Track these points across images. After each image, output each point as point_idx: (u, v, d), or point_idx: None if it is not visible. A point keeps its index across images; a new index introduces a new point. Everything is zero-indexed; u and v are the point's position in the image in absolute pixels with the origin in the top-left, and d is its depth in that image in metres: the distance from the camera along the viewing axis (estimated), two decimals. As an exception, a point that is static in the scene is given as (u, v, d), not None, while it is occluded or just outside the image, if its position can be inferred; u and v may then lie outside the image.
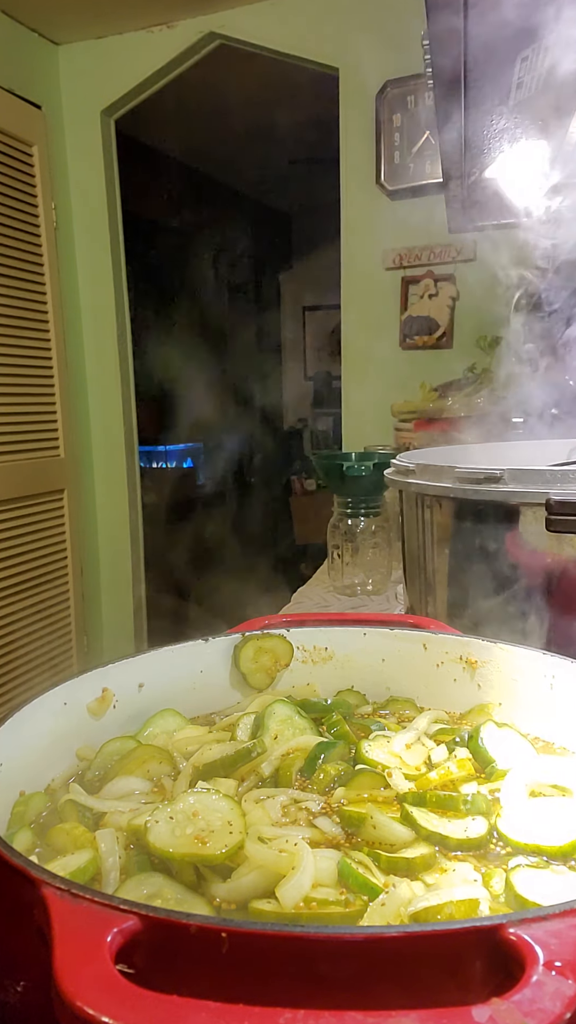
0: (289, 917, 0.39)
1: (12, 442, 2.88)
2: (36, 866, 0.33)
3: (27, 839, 0.48)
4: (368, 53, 2.67)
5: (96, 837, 0.46)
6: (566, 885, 0.42)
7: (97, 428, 3.45)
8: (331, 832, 0.48)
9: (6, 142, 2.80)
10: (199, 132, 4.13)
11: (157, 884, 0.42)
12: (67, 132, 3.22)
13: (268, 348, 6.28)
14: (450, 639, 0.68)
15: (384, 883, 0.42)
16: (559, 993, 0.26)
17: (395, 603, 1.43)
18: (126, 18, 2.95)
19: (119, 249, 3.36)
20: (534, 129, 0.92)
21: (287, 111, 3.66)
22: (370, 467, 1.39)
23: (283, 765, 0.56)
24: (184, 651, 0.68)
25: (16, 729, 0.52)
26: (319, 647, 0.72)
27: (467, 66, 0.74)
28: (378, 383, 2.85)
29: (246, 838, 0.44)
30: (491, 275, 1.23)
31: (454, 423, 1.83)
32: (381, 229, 2.78)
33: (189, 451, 5.43)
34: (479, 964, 0.29)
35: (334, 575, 1.53)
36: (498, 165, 1.06)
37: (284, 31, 2.80)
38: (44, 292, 3.04)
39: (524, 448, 1.16)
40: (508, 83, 0.79)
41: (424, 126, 2.64)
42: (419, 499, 0.91)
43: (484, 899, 0.41)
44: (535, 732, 0.61)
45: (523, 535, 0.77)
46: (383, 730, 0.61)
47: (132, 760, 0.57)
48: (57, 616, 3.15)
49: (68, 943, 0.29)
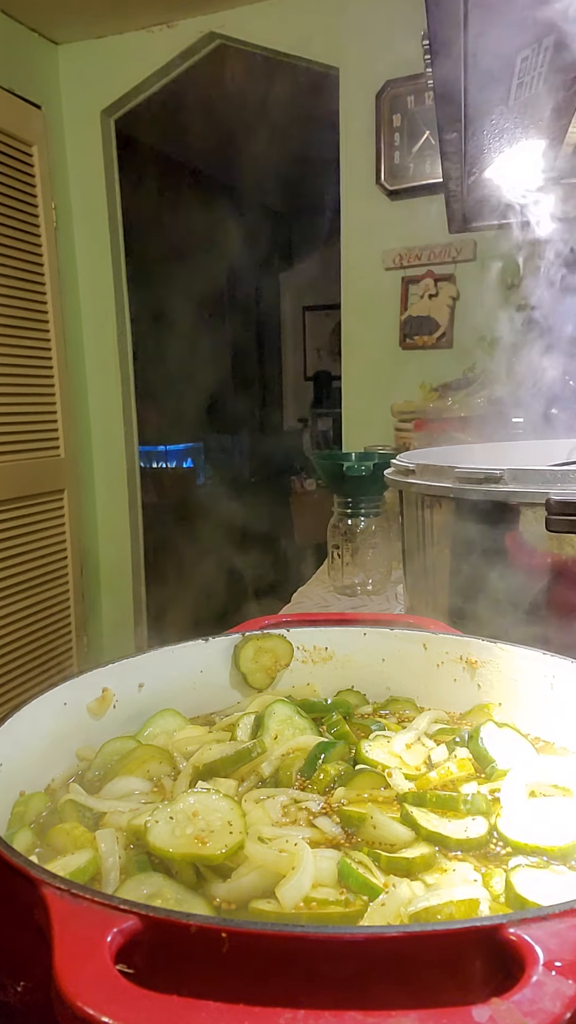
0: (289, 917, 0.39)
1: (12, 442, 2.88)
2: (36, 866, 0.33)
3: (27, 839, 0.48)
4: (368, 53, 2.67)
5: (96, 837, 0.46)
6: (566, 885, 0.42)
7: (97, 428, 3.45)
8: (331, 832, 0.48)
9: (6, 142, 2.80)
10: (199, 132, 4.13)
11: (157, 884, 0.42)
12: (67, 132, 3.22)
13: (268, 348, 6.28)
14: (450, 639, 0.68)
15: (384, 883, 0.42)
16: (559, 993, 0.26)
17: (395, 603, 1.43)
18: (126, 18, 2.95)
19: (119, 249, 3.36)
20: (534, 129, 0.92)
21: (287, 111, 3.66)
22: (370, 467, 1.39)
23: (283, 765, 0.56)
24: (184, 651, 0.68)
25: (16, 729, 0.52)
26: (319, 647, 0.72)
27: (467, 66, 0.74)
28: (378, 383, 2.85)
29: (246, 838, 0.44)
30: (491, 275, 1.23)
31: (454, 423, 1.84)
32: (381, 229, 2.79)
33: (189, 451, 5.43)
34: (479, 964, 0.29)
35: (334, 575, 1.53)
36: (498, 165, 1.06)
37: (284, 31, 2.80)
38: (44, 292, 3.04)
39: (524, 448, 1.16)
40: (508, 83, 0.79)
41: (424, 126, 2.64)
42: (419, 499, 0.91)
43: (484, 899, 0.41)
44: (535, 732, 0.61)
45: (523, 535, 0.77)
46: (383, 730, 0.61)
47: (132, 760, 0.57)
48: (57, 616, 3.15)
49: (68, 943, 0.29)
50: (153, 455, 5.22)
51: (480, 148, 0.98)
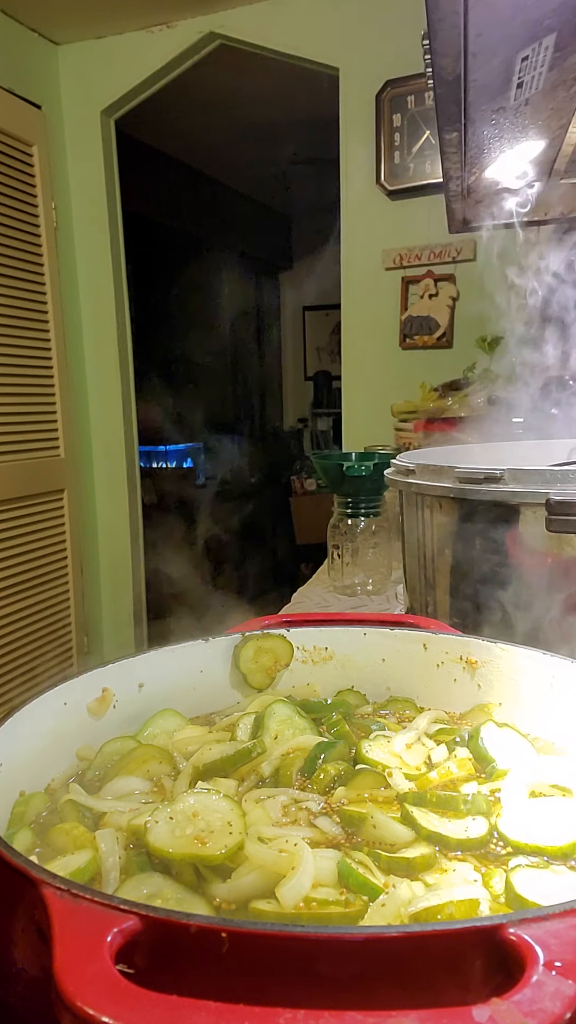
0: (289, 917, 0.39)
1: (12, 442, 2.88)
2: (36, 866, 0.33)
3: (27, 839, 0.48)
4: (368, 53, 2.67)
5: (96, 837, 0.46)
6: (566, 885, 0.42)
7: (97, 428, 3.45)
8: (331, 832, 0.48)
9: (6, 142, 2.80)
10: (199, 132, 4.13)
11: (157, 884, 0.42)
12: (67, 132, 3.22)
13: (268, 348, 6.28)
14: (450, 639, 0.68)
15: (384, 883, 0.42)
16: (559, 993, 0.26)
17: (395, 603, 1.43)
18: (126, 18, 2.95)
19: (119, 249, 3.36)
20: (534, 129, 0.92)
21: (287, 111, 3.66)
22: (370, 467, 1.38)
23: (283, 765, 0.56)
24: (184, 651, 0.68)
25: (16, 729, 0.52)
26: (319, 647, 0.72)
27: (467, 66, 0.74)
28: (378, 383, 2.85)
29: (246, 838, 0.44)
30: (491, 275, 1.23)
31: (454, 423, 1.83)
32: (381, 229, 2.79)
33: (189, 451, 5.43)
34: (479, 964, 0.29)
35: (334, 575, 1.53)
36: (498, 165, 1.06)
37: (284, 31, 2.80)
38: (44, 292, 3.04)
39: (524, 448, 1.16)
40: (508, 83, 0.79)
41: (424, 126, 2.64)
42: (419, 499, 0.91)
43: (484, 899, 0.40)
44: (535, 732, 0.61)
45: (523, 535, 0.77)
46: (383, 730, 0.61)
47: (132, 760, 0.57)
48: (57, 616, 3.15)
49: (68, 943, 0.29)
50: (153, 455, 5.22)
51: (480, 148, 0.98)
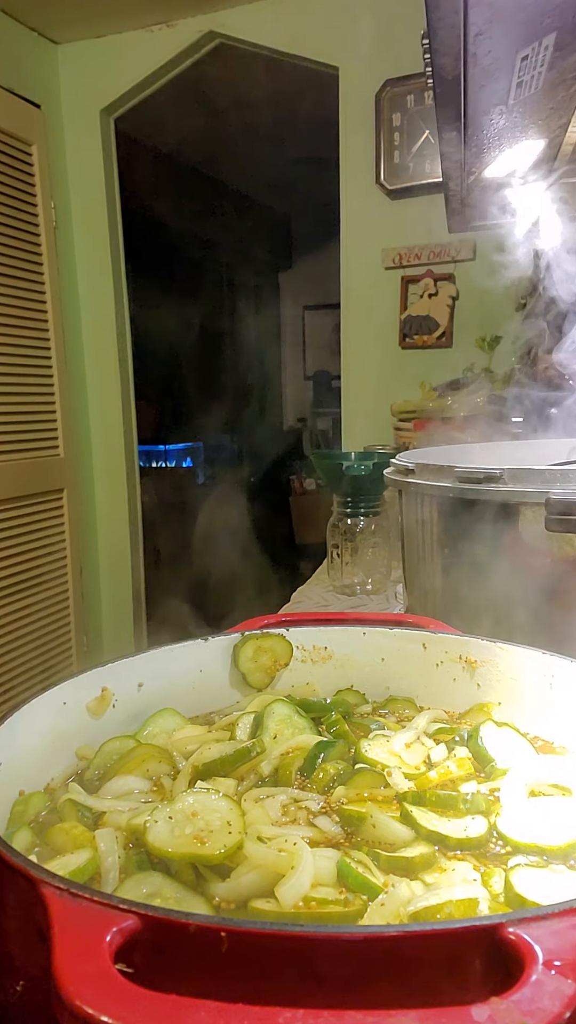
0: (288, 916, 0.39)
1: (12, 442, 2.88)
2: (36, 865, 0.33)
3: (26, 838, 0.48)
4: (368, 53, 2.67)
5: (95, 836, 0.46)
6: (566, 885, 0.42)
7: (97, 428, 3.45)
8: (331, 831, 0.48)
9: (6, 141, 2.79)
10: (199, 132, 4.13)
11: (156, 883, 0.42)
12: (66, 131, 3.22)
13: (268, 347, 6.28)
14: (450, 638, 0.68)
15: (384, 882, 0.42)
16: (558, 992, 0.26)
17: (395, 603, 1.43)
18: (126, 17, 2.95)
19: (119, 249, 3.35)
20: (534, 129, 0.92)
21: (287, 111, 3.65)
22: (370, 467, 1.38)
23: (282, 764, 0.56)
24: (184, 650, 0.68)
25: (16, 729, 0.52)
26: (319, 646, 0.72)
27: (467, 66, 0.74)
28: (378, 383, 2.85)
29: (245, 838, 0.44)
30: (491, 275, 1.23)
31: (454, 423, 1.83)
32: (381, 229, 2.79)
33: (189, 451, 5.43)
34: (478, 963, 0.29)
35: (334, 575, 1.53)
36: (498, 165, 1.06)
37: (284, 30, 2.80)
38: (44, 292, 3.03)
39: (524, 448, 1.16)
40: (508, 83, 0.79)
41: (424, 126, 2.64)
42: (419, 499, 0.91)
43: (483, 898, 0.40)
44: (535, 731, 0.61)
45: (523, 535, 0.77)
46: (383, 729, 0.61)
47: (131, 759, 0.57)
48: (57, 616, 3.15)
49: (67, 942, 0.29)
50: (153, 455, 5.22)
51: (480, 148, 0.98)
